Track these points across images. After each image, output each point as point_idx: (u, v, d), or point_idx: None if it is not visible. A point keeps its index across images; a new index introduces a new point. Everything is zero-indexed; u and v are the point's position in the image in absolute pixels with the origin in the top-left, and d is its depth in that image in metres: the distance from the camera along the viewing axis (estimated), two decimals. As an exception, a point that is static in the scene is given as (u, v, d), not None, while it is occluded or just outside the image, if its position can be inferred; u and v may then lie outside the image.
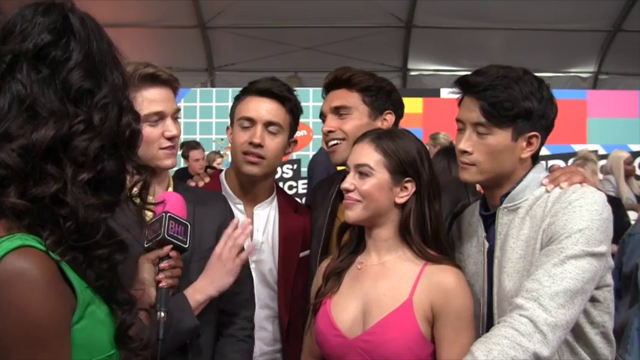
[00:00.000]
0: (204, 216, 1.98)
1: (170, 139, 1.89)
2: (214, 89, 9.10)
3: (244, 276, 2.03)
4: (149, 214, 1.63)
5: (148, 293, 1.52)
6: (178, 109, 1.95)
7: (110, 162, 1.11)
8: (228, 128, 2.32)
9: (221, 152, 8.12)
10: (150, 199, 1.87)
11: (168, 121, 1.89)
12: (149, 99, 1.87)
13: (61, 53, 1.09)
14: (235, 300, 1.99)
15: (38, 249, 1.01)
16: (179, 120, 1.98)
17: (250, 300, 2.04)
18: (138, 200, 1.24)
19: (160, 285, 1.53)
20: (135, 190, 1.21)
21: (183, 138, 6.70)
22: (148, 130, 1.86)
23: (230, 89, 8.62)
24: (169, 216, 1.57)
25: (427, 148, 2.00)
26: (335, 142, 2.19)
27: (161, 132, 1.88)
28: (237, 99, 2.28)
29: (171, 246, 1.56)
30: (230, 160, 7.88)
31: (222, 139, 8.48)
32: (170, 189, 1.98)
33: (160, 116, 1.89)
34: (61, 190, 1.04)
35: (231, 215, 2.08)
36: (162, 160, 1.90)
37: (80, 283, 1.09)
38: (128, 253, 1.18)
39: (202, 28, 9.79)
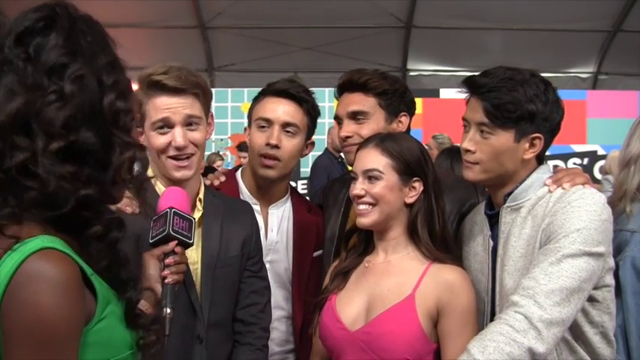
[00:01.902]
0: (231, 226, 1.99)
1: (177, 148, 1.85)
2: (214, 89, 9.08)
3: (263, 287, 2.06)
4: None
5: (154, 289, 1.52)
6: (192, 116, 1.87)
7: (88, 134, 1.11)
8: (246, 129, 2.32)
9: (220, 153, 8.12)
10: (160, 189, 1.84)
11: (177, 130, 1.85)
12: (156, 106, 1.86)
13: (43, 37, 1.11)
14: (253, 310, 2.01)
15: (60, 251, 1.03)
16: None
17: (267, 310, 2.06)
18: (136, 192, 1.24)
19: (166, 281, 1.52)
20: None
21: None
22: (156, 139, 1.87)
23: (230, 89, 8.63)
24: (174, 212, 1.57)
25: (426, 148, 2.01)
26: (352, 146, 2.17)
27: (169, 141, 1.86)
28: (255, 100, 2.28)
29: (176, 242, 1.56)
30: (230, 161, 7.82)
31: (221, 140, 8.48)
32: (200, 195, 1.98)
33: (166, 123, 1.86)
34: (30, 160, 1.05)
35: (256, 224, 2.10)
36: (171, 171, 1.88)
37: (100, 283, 1.10)
38: (124, 229, 1.19)
39: (202, 28, 9.79)
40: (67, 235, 1.09)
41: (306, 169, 7.15)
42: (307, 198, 2.73)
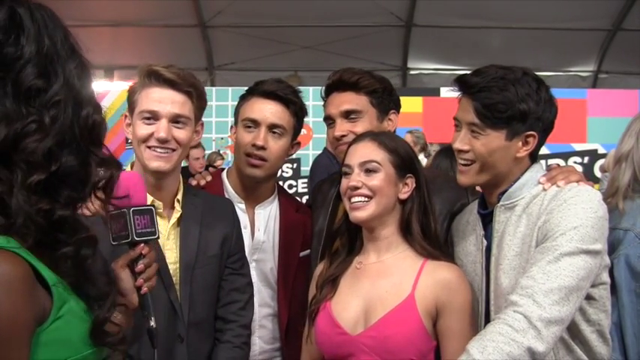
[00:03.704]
0: (211, 224, 1.99)
1: (159, 140, 1.86)
2: (214, 88, 9.10)
3: (244, 284, 2.06)
4: None
5: (131, 301, 1.46)
6: (181, 115, 1.89)
7: (70, 158, 1.07)
8: (232, 127, 2.32)
9: (221, 152, 8.12)
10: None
11: (162, 123, 1.87)
12: (147, 96, 1.87)
13: (12, 51, 1.04)
14: (233, 308, 2.02)
15: (7, 249, 0.99)
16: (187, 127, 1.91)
17: (248, 308, 2.06)
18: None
19: (142, 291, 1.45)
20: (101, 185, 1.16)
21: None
22: (140, 128, 1.88)
23: (230, 88, 8.62)
24: (133, 210, 1.44)
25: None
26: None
27: (152, 132, 1.87)
28: (243, 98, 2.27)
29: (142, 245, 1.46)
30: (230, 159, 7.80)
31: (222, 138, 8.47)
32: (179, 195, 1.98)
33: (154, 115, 1.87)
34: (6, 193, 1.00)
35: (237, 222, 2.10)
36: (147, 161, 1.88)
37: (55, 281, 1.06)
38: (96, 246, 1.14)
39: (202, 27, 9.80)
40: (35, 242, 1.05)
41: (306, 168, 7.15)
42: (308, 197, 2.73)
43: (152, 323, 1.46)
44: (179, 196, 1.98)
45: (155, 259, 1.51)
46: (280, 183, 2.50)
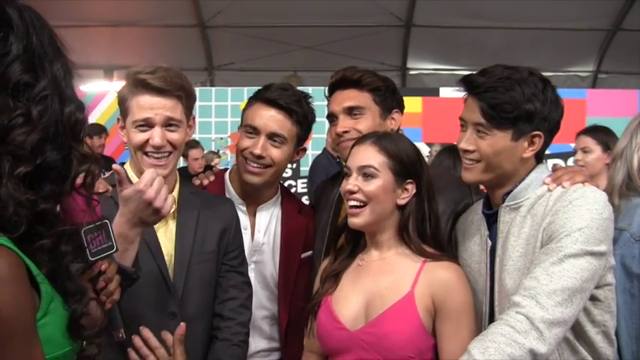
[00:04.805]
0: (208, 219, 2.01)
1: (155, 147, 1.90)
2: (213, 88, 9.10)
3: (241, 282, 2.07)
4: None
5: (95, 315, 1.45)
6: (173, 118, 1.91)
7: (53, 153, 1.10)
8: (239, 128, 2.32)
9: (220, 152, 8.12)
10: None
11: (156, 130, 1.89)
12: (139, 105, 1.90)
13: (0, 48, 1.07)
14: (231, 305, 2.02)
15: (5, 246, 1.01)
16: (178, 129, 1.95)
17: (246, 306, 2.06)
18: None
19: (107, 307, 1.45)
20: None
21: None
22: (135, 135, 1.92)
23: (229, 88, 8.62)
24: (85, 230, 1.39)
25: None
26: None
27: (147, 139, 1.90)
28: (248, 102, 2.28)
29: (100, 263, 1.44)
30: (230, 159, 7.80)
31: (221, 139, 8.47)
32: (175, 192, 1.99)
33: (147, 123, 1.90)
34: None
35: (236, 218, 2.11)
36: (145, 169, 1.88)
37: (42, 279, 1.08)
38: (75, 242, 1.16)
39: (202, 27, 9.79)
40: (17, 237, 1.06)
41: (305, 169, 7.14)
42: (307, 197, 2.73)
43: (121, 334, 1.47)
44: (174, 193, 2.00)
45: (114, 274, 1.48)
46: (280, 183, 2.49)
